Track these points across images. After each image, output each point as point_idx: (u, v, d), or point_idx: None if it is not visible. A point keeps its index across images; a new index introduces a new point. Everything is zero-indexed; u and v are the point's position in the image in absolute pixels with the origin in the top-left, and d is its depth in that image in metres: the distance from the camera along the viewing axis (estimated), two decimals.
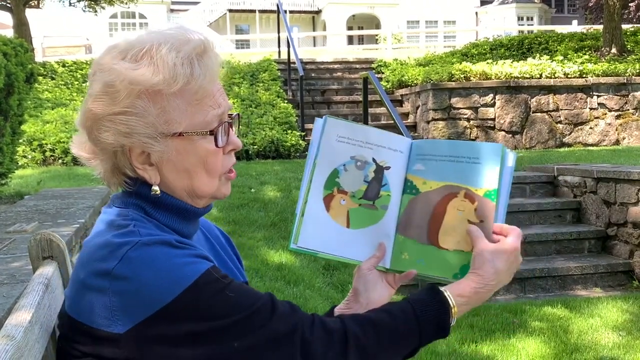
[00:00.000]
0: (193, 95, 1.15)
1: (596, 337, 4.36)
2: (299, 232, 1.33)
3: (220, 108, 1.19)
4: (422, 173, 1.33)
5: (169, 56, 1.12)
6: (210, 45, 1.18)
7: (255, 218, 6.02)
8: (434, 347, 4.04)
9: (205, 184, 1.19)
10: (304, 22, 39.37)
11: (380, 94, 6.41)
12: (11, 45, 5.50)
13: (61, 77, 12.76)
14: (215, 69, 1.17)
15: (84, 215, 4.53)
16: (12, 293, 2.73)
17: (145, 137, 1.13)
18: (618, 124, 10.60)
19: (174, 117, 1.14)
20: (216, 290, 1.05)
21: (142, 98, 1.12)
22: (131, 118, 1.12)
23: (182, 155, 1.16)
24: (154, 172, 1.17)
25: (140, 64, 1.13)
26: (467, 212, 1.27)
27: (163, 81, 1.12)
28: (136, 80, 1.11)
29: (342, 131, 1.35)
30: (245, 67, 12.86)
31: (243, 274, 1.42)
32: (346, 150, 1.34)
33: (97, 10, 17.37)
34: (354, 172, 1.34)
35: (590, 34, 14.24)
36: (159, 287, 1.02)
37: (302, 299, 4.57)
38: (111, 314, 1.03)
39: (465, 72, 10.54)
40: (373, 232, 1.34)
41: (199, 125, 1.16)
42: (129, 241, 1.06)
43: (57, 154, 9.14)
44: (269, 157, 9.69)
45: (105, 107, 1.13)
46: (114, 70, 1.13)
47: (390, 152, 1.35)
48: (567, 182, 6.37)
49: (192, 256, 1.08)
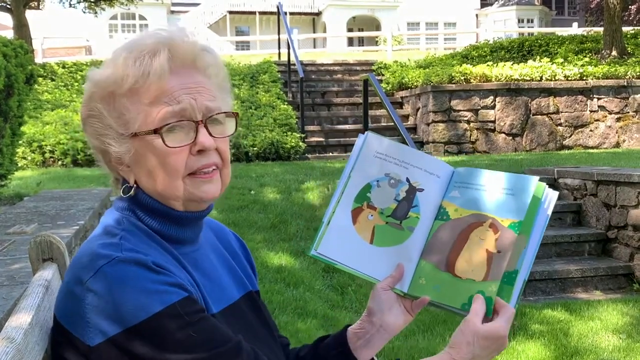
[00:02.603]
0: (145, 94, 1.13)
1: (596, 340, 4.35)
2: (321, 239, 1.32)
3: (180, 104, 1.13)
4: (456, 200, 1.31)
5: (121, 57, 1.13)
6: (167, 42, 1.14)
7: (255, 220, 6.02)
8: (435, 350, 4.03)
9: (167, 186, 1.15)
10: (304, 24, 39.36)
11: (381, 96, 6.41)
12: (11, 46, 5.50)
13: (61, 79, 12.76)
14: (166, 65, 1.12)
15: (83, 217, 4.52)
16: (12, 295, 2.72)
17: (109, 139, 1.16)
18: (618, 127, 10.60)
19: (129, 118, 1.14)
20: (179, 325, 1.03)
21: (99, 101, 1.16)
22: (94, 121, 1.17)
23: (142, 157, 1.15)
24: (129, 173, 1.18)
25: (103, 67, 1.17)
26: (487, 242, 1.25)
27: (114, 82, 1.13)
28: (96, 84, 1.16)
29: (382, 147, 1.35)
30: (245, 69, 12.88)
31: (254, 282, 1.38)
32: (382, 166, 1.34)
33: (97, 11, 17.37)
34: (386, 189, 1.33)
35: (591, 36, 14.26)
36: (125, 309, 1.02)
37: (301, 301, 4.56)
38: (84, 322, 1.04)
39: (466, 74, 10.54)
40: (395, 252, 1.31)
41: (152, 124, 1.13)
42: (108, 255, 1.06)
43: (56, 155, 9.13)
44: (269, 158, 9.68)
45: (82, 110, 1.19)
46: (91, 74, 1.18)
47: (426, 174, 1.33)
48: (567, 184, 6.37)
49: (165, 284, 1.05)
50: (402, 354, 3.94)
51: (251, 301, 1.32)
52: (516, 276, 1.23)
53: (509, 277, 1.23)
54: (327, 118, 11.35)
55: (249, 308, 1.30)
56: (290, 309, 4.42)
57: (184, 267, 1.16)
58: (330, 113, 11.55)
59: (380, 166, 1.34)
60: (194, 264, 1.21)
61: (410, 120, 11.26)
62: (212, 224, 1.37)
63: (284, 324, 4.11)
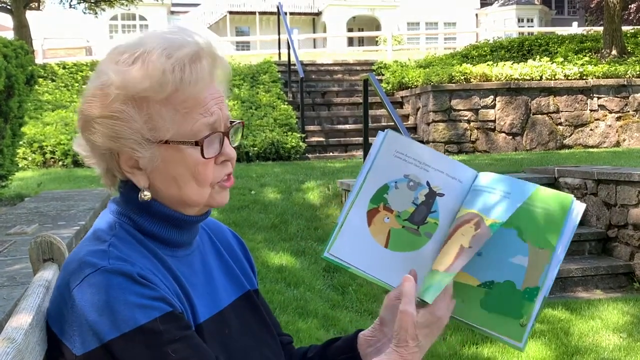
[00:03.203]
0: (181, 103, 1.11)
1: (597, 339, 4.35)
2: (334, 241, 1.25)
3: (213, 116, 1.13)
4: (467, 203, 1.26)
5: (159, 62, 1.09)
6: (207, 50, 1.14)
7: (255, 220, 6.02)
8: (435, 350, 4.03)
9: (195, 194, 1.15)
10: (304, 24, 39.36)
11: (381, 96, 6.41)
12: (11, 47, 5.50)
13: (61, 79, 12.77)
14: (207, 76, 1.13)
15: (84, 217, 4.52)
16: (12, 295, 2.73)
17: (131, 142, 1.11)
18: (618, 126, 10.60)
19: (161, 125, 1.11)
20: (159, 342, 1.03)
21: (128, 104, 1.10)
22: (117, 122, 1.10)
23: (169, 164, 1.13)
24: (143, 177, 1.14)
25: (132, 68, 1.10)
26: (466, 237, 1.21)
27: (150, 88, 1.09)
28: (124, 85, 1.09)
29: (402, 147, 1.27)
30: (246, 69, 12.88)
31: (252, 281, 1.37)
32: (401, 167, 1.26)
33: (97, 12, 17.38)
34: (405, 192, 1.26)
35: (591, 35, 14.25)
36: (106, 321, 1.01)
37: (302, 300, 4.56)
38: (72, 330, 1.04)
39: (466, 74, 10.54)
40: (410, 259, 1.25)
41: (186, 134, 1.11)
42: (94, 264, 1.06)
43: (57, 156, 9.14)
44: (269, 158, 9.69)
45: (95, 109, 1.12)
46: (105, 72, 1.11)
47: (447, 178, 1.27)
48: (567, 184, 6.37)
49: (148, 298, 1.04)
50: None
51: (249, 300, 1.31)
52: (537, 293, 1.20)
53: (530, 293, 1.20)
54: (327, 118, 11.36)
55: (247, 307, 1.30)
56: (291, 309, 4.42)
57: (174, 276, 1.15)
58: (330, 113, 11.55)
59: (399, 167, 1.26)
60: (189, 267, 1.21)
61: (411, 120, 11.26)
62: (209, 223, 1.36)
63: (284, 324, 4.11)
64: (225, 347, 1.18)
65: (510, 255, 1.22)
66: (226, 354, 1.15)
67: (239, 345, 1.22)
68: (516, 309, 1.20)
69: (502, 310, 1.21)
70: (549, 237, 1.21)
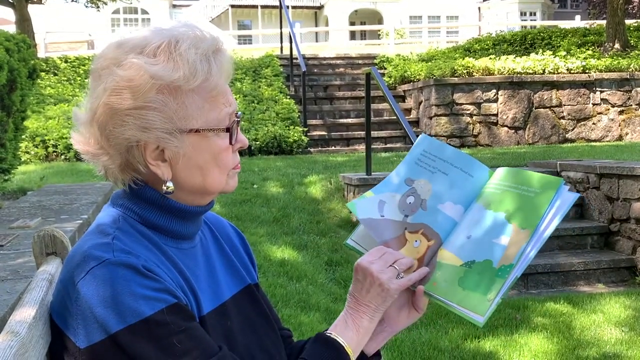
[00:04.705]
0: (209, 92, 1.16)
1: (599, 333, 4.36)
2: (354, 230, 1.39)
3: (232, 106, 1.20)
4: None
5: (189, 52, 1.13)
6: (223, 43, 1.20)
7: (257, 214, 6.02)
8: (437, 343, 4.04)
9: (217, 180, 1.20)
10: (307, 18, 39.28)
11: (383, 90, 6.40)
12: (14, 41, 5.50)
13: (64, 73, 12.77)
14: (228, 67, 1.19)
15: (87, 211, 4.53)
16: (15, 289, 2.74)
17: (162, 132, 1.13)
18: (621, 120, 10.58)
19: (191, 114, 1.14)
20: (164, 333, 1.04)
21: (162, 93, 1.12)
22: (150, 112, 1.12)
23: (196, 152, 1.16)
24: (167, 169, 1.16)
25: (159, 60, 1.12)
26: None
27: (183, 77, 1.12)
28: (157, 75, 1.11)
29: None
30: (248, 63, 12.86)
31: (253, 275, 1.38)
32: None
33: (99, 6, 17.37)
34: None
35: (594, 29, 14.19)
36: (112, 313, 1.03)
37: (304, 294, 4.57)
38: (76, 323, 1.05)
39: (468, 68, 10.52)
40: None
41: (213, 122, 1.17)
42: (99, 257, 1.07)
43: (59, 149, 9.15)
44: (272, 152, 9.69)
45: (124, 101, 1.11)
46: (133, 64, 1.11)
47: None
48: (570, 177, 6.36)
49: (153, 289, 1.06)
50: (406, 346, 3.95)
51: (250, 294, 1.33)
52: (510, 270, 1.23)
53: (503, 270, 1.23)
54: (329, 112, 11.34)
55: (248, 301, 1.31)
56: (293, 302, 4.43)
57: (178, 269, 1.16)
58: (332, 107, 11.54)
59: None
60: (192, 259, 1.22)
61: (413, 113, 11.25)
62: (210, 217, 1.38)
63: (287, 317, 4.12)
64: (228, 339, 1.20)
65: (495, 236, 1.28)
66: (228, 345, 1.16)
67: (241, 337, 1.24)
68: (487, 285, 1.24)
69: (474, 287, 1.25)
70: (532, 218, 1.25)
